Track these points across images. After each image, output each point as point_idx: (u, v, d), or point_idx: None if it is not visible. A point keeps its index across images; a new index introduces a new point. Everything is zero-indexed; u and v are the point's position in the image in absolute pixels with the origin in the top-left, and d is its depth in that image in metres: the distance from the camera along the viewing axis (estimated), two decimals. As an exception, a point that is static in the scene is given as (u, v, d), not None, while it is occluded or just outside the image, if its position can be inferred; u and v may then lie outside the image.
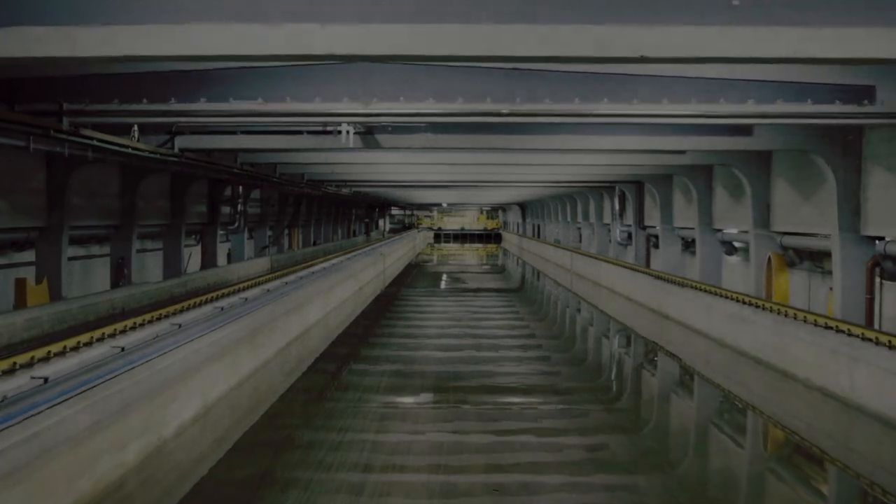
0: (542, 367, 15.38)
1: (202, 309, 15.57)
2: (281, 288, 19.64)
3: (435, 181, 29.31)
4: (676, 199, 24.83)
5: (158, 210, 23.91)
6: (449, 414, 11.40)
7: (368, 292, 29.57)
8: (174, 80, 9.29)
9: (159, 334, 12.22)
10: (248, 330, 14.13)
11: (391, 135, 13.15)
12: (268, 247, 35.91)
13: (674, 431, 11.68)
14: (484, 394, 12.78)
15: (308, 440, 10.11)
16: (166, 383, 10.16)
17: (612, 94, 9.32)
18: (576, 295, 30.54)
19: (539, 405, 12.32)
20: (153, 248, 25.13)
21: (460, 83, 9.27)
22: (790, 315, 14.55)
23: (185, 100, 9.33)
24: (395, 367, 14.93)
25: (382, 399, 12.58)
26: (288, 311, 17.35)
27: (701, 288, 19.45)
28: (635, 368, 16.67)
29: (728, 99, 9.38)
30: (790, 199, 17.20)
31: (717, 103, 9.38)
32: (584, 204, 39.88)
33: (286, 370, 14.69)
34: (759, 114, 9.31)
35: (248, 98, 9.27)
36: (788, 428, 11.60)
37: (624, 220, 31.67)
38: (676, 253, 24.90)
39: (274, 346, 15.71)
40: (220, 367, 12.33)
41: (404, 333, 20.07)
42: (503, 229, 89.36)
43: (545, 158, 18.11)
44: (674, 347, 18.05)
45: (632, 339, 20.16)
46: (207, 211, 28.11)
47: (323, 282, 22.35)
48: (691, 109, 9.38)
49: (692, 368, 15.93)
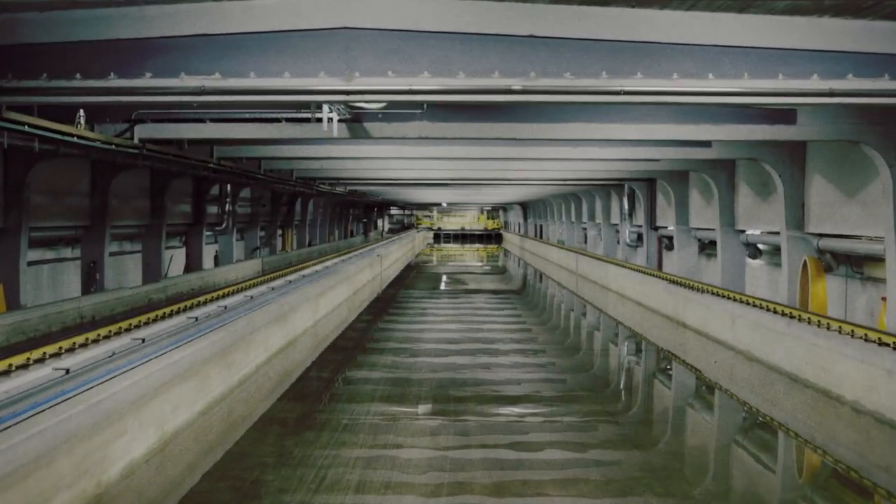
0: (553, 385, 13.68)
1: (173, 320, 13.90)
2: (266, 294, 17.96)
3: (433, 179, 27.52)
4: (693, 197, 23.13)
5: (136, 209, 22.24)
6: (449, 453, 9.70)
7: (364, 296, 27.94)
8: (113, 50, 7.62)
9: (116, 351, 10.54)
10: (222, 345, 12.45)
11: (381, 122, 11.44)
12: (259, 248, 34.25)
13: (709, 462, 10.04)
14: (491, 422, 11.09)
15: (282, 483, 8.42)
16: (114, 414, 8.49)
17: (647, 68, 7.63)
18: (582, 299, 28.93)
19: (553, 432, 10.64)
20: (132, 251, 23.48)
21: (462, 54, 7.59)
22: (833, 328, 12.91)
23: (127, 75, 7.65)
24: (388, 384, 13.24)
25: (372, 422, 10.92)
26: (271, 321, 15.68)
27: (724, 294, 17.77)
28: (654, 382, 15.02)
29: (788, 74, 7.71)
30: (830, 196, 15.48)
31: (773, 78, 7.69)
32: (591, 203, 38.17)
33: (266, 389, 13.01)
34: (826, 91, 7.62)
35: (203, 73, 7.58)
36: (834, 456, 10.02)
37: (634, 221, 29.98)
38: (692, 256, 23.20)
39: (253, 361, 14.02)
40: (184, 390, 10.66)
41: (400, 342, 18.39)
42: (504, 229, 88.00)
43: (554, 152, 16.38)
44: (693, 359, 16.42)
45: (646, 348, 18.51)
46: (192, 210, 26.48)
47: (313, 287, 20.67)
48: (742, 86, 7.69)
49: (716, 383, 14.29)
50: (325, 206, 47.03)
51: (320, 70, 7.57)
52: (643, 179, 26.41)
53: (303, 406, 11.92)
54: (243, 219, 32.52)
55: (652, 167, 21.24)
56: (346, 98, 7.66)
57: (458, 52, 7.57)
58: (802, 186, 16.13)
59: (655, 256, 26.81)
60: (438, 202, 71.06)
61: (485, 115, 11.69)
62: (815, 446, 10.56)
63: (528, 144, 16.00)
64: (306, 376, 14.24)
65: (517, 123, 11.86)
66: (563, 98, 7.78)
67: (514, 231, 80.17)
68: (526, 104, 11.10)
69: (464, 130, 11.91)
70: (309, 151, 16.21)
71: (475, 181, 28.45)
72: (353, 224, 64.48)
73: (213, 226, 28.57)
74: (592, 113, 11.71)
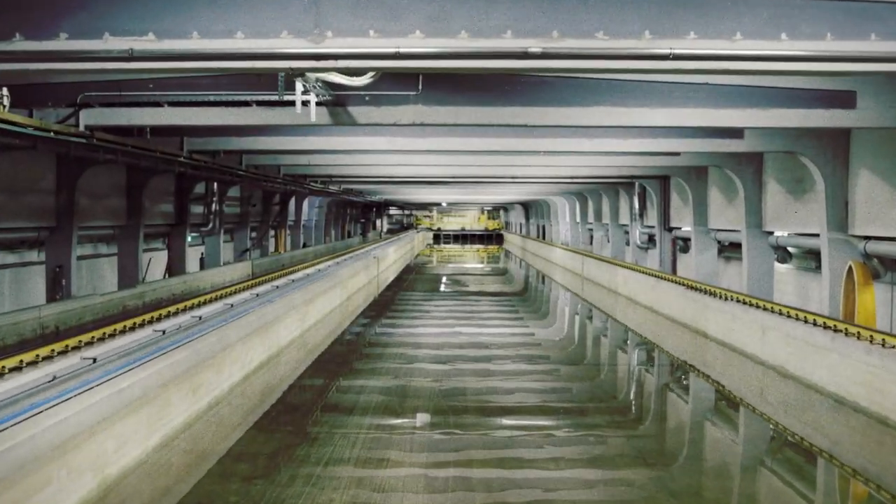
0: (565, 405, 11.98)
1: (136, 334, 12.20)
2: (249, 302, 16.22)
3: (430, 176, 25.70)
4: (713, 196, 21.39)
5: (111, 209, 20.54)
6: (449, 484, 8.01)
7: (359, 301, 26.25)
8: (18, 6, 5.93)
9: (58, 375, 8.85)
10: (188, 364, 10.76)
11: (369, 106, 9.71)
12: (249, 250, 32.51)
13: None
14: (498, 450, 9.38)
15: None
16: (30, 464, 6.81)
17: (701, 27, 5.94)
18: (588, 303, 27.30)
19: (568, 458, 8.97)
20: (109, 254, 21.79)
21: (464, 7, 5.89)
22: (889, 344, 11.22)
23: (37, 36, 5.97)
24: (377, 412, 11.54)
25: (361, 455, 9.26)
26: (250, 333, 13.98)
27: (752, 303, 16.04)
28: (677, 401, 13.35)
29: (882, 33, 6.03)
30: (878, 194, 13.72)
31: (865, 39, 6.00)
32: (597, 202, 36.42)
33: (241, 413, 11.31)
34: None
35: (133, 33, 5.89)
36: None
37: (645, 221, 28.25)
38: (711, 259, 21.46)
39: (227, 381, 12.33)
40: (135, 422, 8.97)
41: (396, 350, 16.73)
42: (505, 230, 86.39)
43: (565, 144, 14.57)
44: (717, 374, 14.78)
45: (664, 360, 16.85)
46: (174, 210, 24.74)
47: (301, 293, 18.95)
48: (823, 48, 5.99)
49: (746, 402, 12.66)
50: (320, 205, 45.34)
51: (282, 28, 5.87)
52: (656, 177, 24.65)
53: (279, 437, 10.20)
54: (232, 219, 30.83)
55: (668, 162, 19.39)
56: (316, 64, 5.95)
57: (460, 4, 5.87)
58: (846, 183, 14.38)
59: (669, 259, 25.06)
60: (438, 202, 69.52)
61: (490, 97, 9.96)
62: (866, 478, 8.96)
63: (537, 135, 14.22)
64: (287, 399, 12.53)
65: (528, 108, 10.10)
66: (594, 64, 6.07)
67: (516, 231, 78.51)
68: (543, 78, 9.37)
69: (465, 116, 10.15)
70: (292, 144, 14.43)
71: (476, 178, 26.59)
72: (351, 225, 62.81)
73: (199, 226, 26.89)
74: (619, 95, 9.97)
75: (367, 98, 9.56)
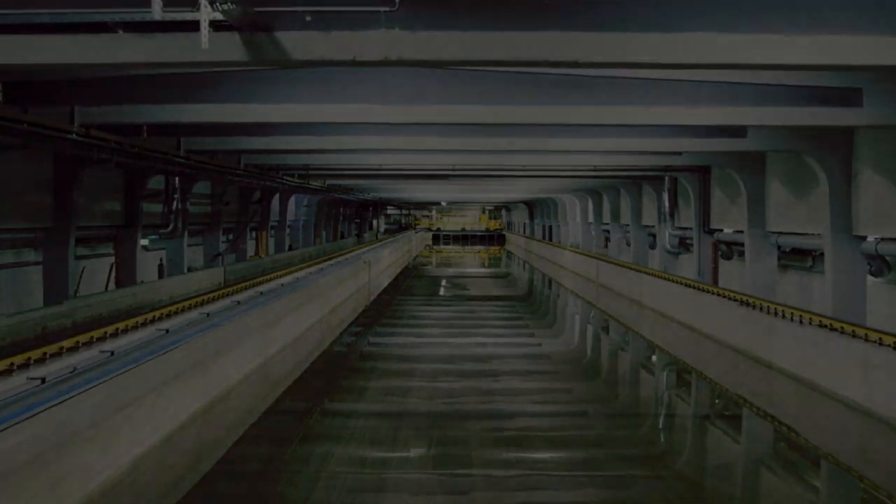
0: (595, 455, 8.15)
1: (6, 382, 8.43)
2: (197, 324, 12.29)
3: (425, 167, 21.65)
4: (773, 190, 17.42)
5: (33, 208, 16.68)
6: None
7: (345, 313, 22.53)
8: None
9: None
10: (58, 438, 6.95)
11: (311, 31, 5.72)
12: (222, 254, 28.58)
13: None
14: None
15: None
16: None
17: None
18: (606, 313, 23.69)
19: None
20: (36, 262, 17.90)
21: None
22: None
23: None
24: (350, 487, 7.73)
25: None
26: (176, 374, 10.14)
27: (847, 330, 12.06)
28: (735, 449, 9.64)
29: None
30: None
31: None
32: (614, 201, 32.45)
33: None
34: None
35: None
36: None
37: (676, 222, 24.29)
38: (770, 269, 17.50)
39: (125, 454, 8.45)
40: None
41: (380, 382, 12.98)
42: (507, 230, 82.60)
43: (615, 114, 10.30)
44: (803, 426, 11.14)
45: (700, 384, 13.27)
46: (122, 209, 20.82)
47: (260, 312, 15.05)
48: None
49: (857, 472, 8.93)
50: (308, 205, 41.43)
51: None
52: (694, 168, 20.64)
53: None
54: (202, 219, 26.95)
55: (713, 147, 15.28)
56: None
57: None
58: None
59: (709, 267, 21.09)
60: (437, 201, 65.73)
61: (511, 15, 6.00)
62: None
63: (559, 101, 10.05)
64: (223, 469, 8.67)
65: (564, 32, 6.05)
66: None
67: (518, 232, 74.68)
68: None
69: (471, 46, 6.09)
70: (226, 113, 10.08)
71: (478, 169, 22.42)
72: (345, 225, 58.90)
73: (158, 228, 23.01)
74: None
75: (308, 17, 5.64)
